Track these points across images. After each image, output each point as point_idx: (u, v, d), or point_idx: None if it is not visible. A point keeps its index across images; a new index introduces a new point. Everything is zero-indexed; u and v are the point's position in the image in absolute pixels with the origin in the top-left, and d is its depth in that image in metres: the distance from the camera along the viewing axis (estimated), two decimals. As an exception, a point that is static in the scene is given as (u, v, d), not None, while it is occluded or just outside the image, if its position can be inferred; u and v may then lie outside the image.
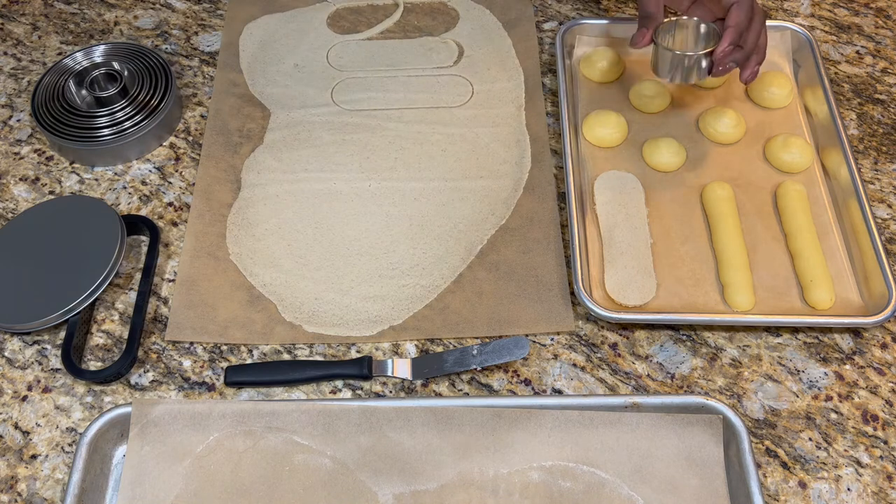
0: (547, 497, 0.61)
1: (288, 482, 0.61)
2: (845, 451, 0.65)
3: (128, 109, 0.82)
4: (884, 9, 0.97)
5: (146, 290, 0.72)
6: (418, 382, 0.68)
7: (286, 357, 0.70)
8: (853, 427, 0.66)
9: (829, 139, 0.80)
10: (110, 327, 0.72)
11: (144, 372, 0.69)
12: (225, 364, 0.69)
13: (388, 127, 0.85)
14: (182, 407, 0.63)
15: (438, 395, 0.68)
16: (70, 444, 0.65)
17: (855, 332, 0.71)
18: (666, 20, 0.77)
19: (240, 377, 0.68)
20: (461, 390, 0.68)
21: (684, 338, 0.71)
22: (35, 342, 0.71)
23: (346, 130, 0.85)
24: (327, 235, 0.77)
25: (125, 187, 0.81)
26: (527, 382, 0.68)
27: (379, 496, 0.61)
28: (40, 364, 0.70)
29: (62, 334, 0.70)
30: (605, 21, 0.90)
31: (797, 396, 0.68)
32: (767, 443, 0.65)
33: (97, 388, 0.68)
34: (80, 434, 0.63)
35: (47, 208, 0.77)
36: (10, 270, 0.72)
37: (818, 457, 0.65)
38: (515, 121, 0.86)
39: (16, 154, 0.84)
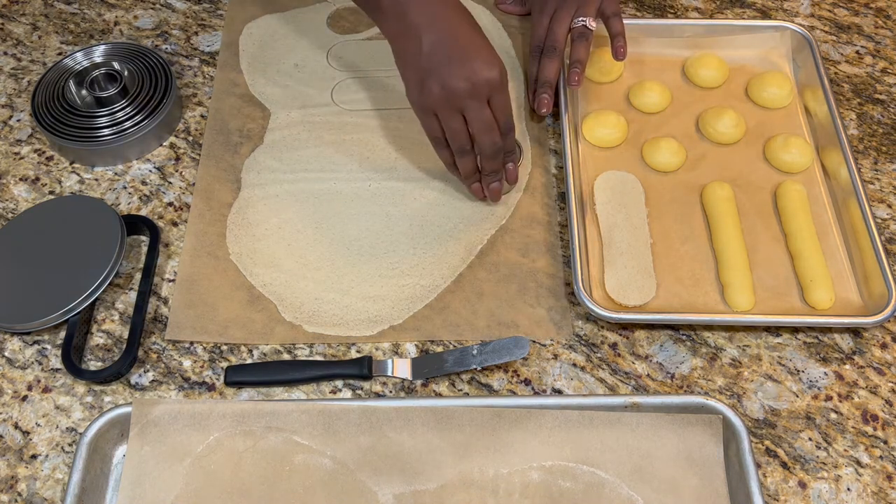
0: (547, 497, 0.61)
1: (288, 482, 0.61)
2: (845, 450, 0.65)
3: (128, 109, 0.82)
4: (884, 9, 0.97)
5: (146, 290, 0.72)
6: (418, 382, 0.68)
7: (286, 357, 0.70)
8: (853, 427, 0.66)
9: (829, 139, 0.80)
10: (110, 327, 0.72)
11: (144, 372, 0.69)
12: (225, 364, 0.69)
13: (388, 127, 0.85)
14: (182, 407, 0.63)
15: (438, 395, 0.68)
16: (70, 444, 0.65)
17: (855, 332, 0.71)
18: None
19: (240, 377, 0.68)
20: (461, 390, 0.68)
21: (684, 338, 0.71)
22: (35, 342, 0.71)
23: (346, 130, 0.85)
24: (327, 235, 0.77)
25: (125, 187, 0.81)
26: (527, 382, 0.68)
27: (379, 496, 0.61)
28: (40, 364, 0.70)
29: (62, 334, 0.70)
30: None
31: (797, 396, 0.68)
32: (767, 443, 0.65)
33: (97, 388, 0.68)
34: (80, 434, 0.63)
35: (47, 208, 0.77)
36: (10, 270, 0.72)
37: (818, 457, 0.65)
38: (516, 121, 0.85)
39: (16, 154, 0.84)
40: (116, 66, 0.85)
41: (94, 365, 0.69)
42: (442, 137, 0.71)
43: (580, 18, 0.82)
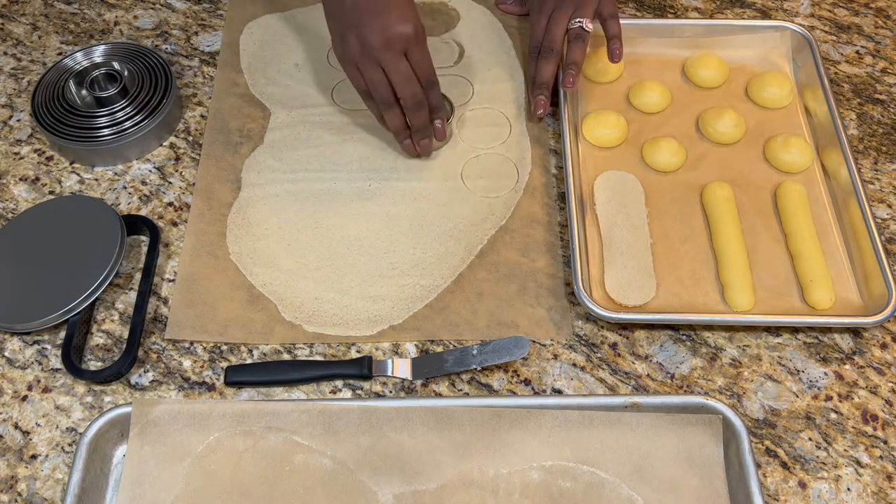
0: (547, 497, 0.61)
1: (288, 482, 0.61)
2: (845, 450, 0.65)
3: (128, 109, 0.82)
4: (884, 9, 0.97)
5: (146, 290, 0.72)
6: (418, 382, 0.68)
7: (286, 357, 0.70)
8: (853, 427, 0.66)
9: (829, 139, 0.80)
10: (110, 327, 0.72)
11: (144, 372, 0.69)
12: (225, 364, 0.69)
13: (388, 127, 0.85)
14: (182, 407, 0.63)
15: (438, 395, 0.68)
16: (70, 444, 0.65)
17: (855, 332, 0.71)
18: None
19: (240, 377, 0.68)
20: (461, 390, 0.68)
21: (684, 338, 0.71)
22: (35, 342, 0.71)
23: (346, 130, 0.85)
24: (327, 235, 0.77)
25: (125, 187, 0.81)
26: (527, 382, 0.68)
27: (379, 496, 0.61)
28: (40, 364, 0.70)
29: (62, 334, 0.70)
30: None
31: (797, 396, 0.68)
32: (767, 443, 0.65)
33: (97, 388, 0.68)
34: (80, 434, 0.63)
35: (47, 208, 0.77)
36: (10, 270, 0.72)
37: (818, 457, 0.65)
38: (516, 121, 0.86)
39: (16, 154, 0.84)
40: (116, 66, 0.85)
41: (94, 365, 0.69)
42: (367, 90, 0.74)
43: (577, 20, 0.82)
